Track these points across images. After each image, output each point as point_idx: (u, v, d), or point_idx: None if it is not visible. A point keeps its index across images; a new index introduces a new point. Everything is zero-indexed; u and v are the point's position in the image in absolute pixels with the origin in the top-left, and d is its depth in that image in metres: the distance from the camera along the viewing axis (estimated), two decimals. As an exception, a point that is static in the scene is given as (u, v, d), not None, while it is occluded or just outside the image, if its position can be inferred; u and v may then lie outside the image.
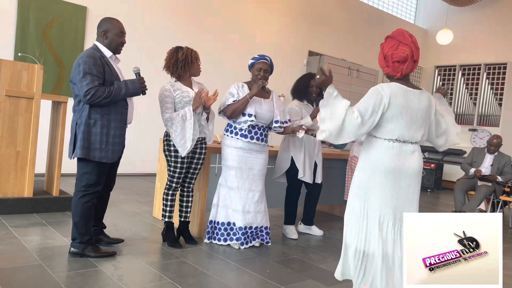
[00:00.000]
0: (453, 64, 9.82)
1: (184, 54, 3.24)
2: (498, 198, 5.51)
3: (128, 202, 4.80)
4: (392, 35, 2.33)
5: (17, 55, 5.46)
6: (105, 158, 2.81)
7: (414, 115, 2.29)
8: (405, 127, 2.27)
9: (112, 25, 2.87)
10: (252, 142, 3.41)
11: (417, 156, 2.35)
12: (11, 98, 3.77)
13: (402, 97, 2.26)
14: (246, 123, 3.37)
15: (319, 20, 9.02)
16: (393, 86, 2.29)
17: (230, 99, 3.37)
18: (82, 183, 2.84)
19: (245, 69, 7.80)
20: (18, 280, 2.48)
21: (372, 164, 2.30)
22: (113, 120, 2.83)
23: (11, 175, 3.85)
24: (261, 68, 3.42)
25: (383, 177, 2.28)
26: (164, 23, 6.87)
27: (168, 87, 3.22)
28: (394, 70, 2.30)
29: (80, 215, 2.83)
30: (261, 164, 3.49)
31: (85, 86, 2.67)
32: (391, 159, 2.27)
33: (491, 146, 5.70)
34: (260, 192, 3.49)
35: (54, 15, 5.82)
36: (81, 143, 2.74)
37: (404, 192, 2.31)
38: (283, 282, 2.83)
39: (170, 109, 3.19)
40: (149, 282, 2.65)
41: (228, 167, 3.42)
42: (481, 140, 9.02)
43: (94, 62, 2.72)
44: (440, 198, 7.85)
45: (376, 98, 2.25)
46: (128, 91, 2.82)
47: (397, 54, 2.27)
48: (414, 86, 2.36)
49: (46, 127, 4.42)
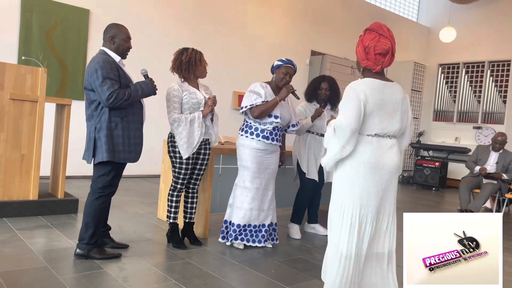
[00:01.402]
0: (457, 62, 9.78)
1: (188, 56, 3.26)
2: (504, 196, 5.48)
3: (133, 204, 4.81)
4: (371, 28, 2.31)
5: (21, 58, 5.49)
6: (129, 159, 2.92)
7: (391, 108, 2.27)
8: (384, 120, 2.24)
9: (119, 31, 2.93)
10: (272, 144, 3.46)
11: (396, 151, 2.31)
12: (15, 102, 3.79)
13: (378, 91, 2.23)
14: (272, 124, 3.40)
15: (322, 19, 9.01)
16: (368, 81, 2.26)
17: (259, 99, 3.36)
18: (99, 185, 2.91)
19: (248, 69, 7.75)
20: (24, 283, 2.49)
21: (352, 160, 2.25)
22: (132, 122, 2.92)
23: (16, 178, 3.87)
24: (287, 72, 3.43)
25: (364, 172, 2.23)
26: (166, 25, 6.88)
27: (177, 87, 3.24)
28: (375, 63, 2.27)
29: (93, 215, 2.89)
30: (275, 163, 3.55)
31: (106, 91, 2.73)
32: (371, 154, 2.23)
33: (496, 144, 5.68)
34: (273, 190, 3.56)
35: (57, 18, 5.85)
36: (106, 146, 2.80)
37: (383, 188, 2.27)
38: (288, 282, 2.83)
39: (177, 109, 3.21)
40: (154, 283, 2.66)
41: (246, 168, 3.44)
42: (486, 137, 8.98)
43: (111, 67, 2.80)
44: (445, 197, 7.82)
45: (354, 97, 2.20)
46: (143, 92, 2.92)
47: (380, 46, 2.24)
48: (388, 79, 2.34)
49: (51, 130, 4.44)
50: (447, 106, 9.89)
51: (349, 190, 2.26)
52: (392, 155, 2.29)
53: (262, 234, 3.51)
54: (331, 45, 9.15)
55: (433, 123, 10.07)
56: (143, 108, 3.02)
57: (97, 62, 2.79)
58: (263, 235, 3.51)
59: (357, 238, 2.24)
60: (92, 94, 2.82)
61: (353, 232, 2.24)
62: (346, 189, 2.27)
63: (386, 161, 2.26)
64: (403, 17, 10.65)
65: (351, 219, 2.25)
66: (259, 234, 3.50)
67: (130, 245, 3.28)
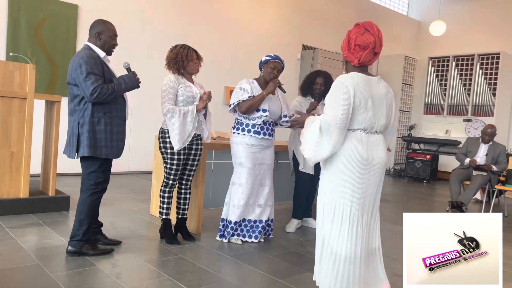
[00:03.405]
0: (447, 55, 9.83)
1: (175, 53, 3.28)
2: (494, 187, 5.55)
3: (125, 200, 4.79)
4: (361, 23, 2.33)
5: (9, 55, 5.41)
6: (111, 155, 2.89)
7: (377, 102, 2.27)
8: (371, 115, 2.24)
9: (106, 28, 2.92)
10: (265, 138, 3.46)
11: (382, 147, 2.32)
12: (3, 99, 3.75)
13: (364, 85, 2.24)
14: (261, 118, 3.40)
15: (313, 13, 9.00)
16: (354, 75, 2.26)
17: (245, 95, 3.37)
18: (91, 182, 2.90)
19: (239, 63, 7.73)
20: (16, 281, 2.47)
21: (342, 157, 2.24)
22: (115, 118, 2.90)
23: (6, 176, 3.83)
24: (275, 67, 3.46)
25: (354, 169, 2.22)
26: (155, 18, 6.83)
27: (173, 78, 3.25)
28: (353, 55, 2.28)
29: (86, 212, 2.88)
30: (270, 158, 3.55)
31: (90, 85, 2.72)
32: (359, 150, 2.22)
33: (485, 136, 5.73)
34: (270, 185, 3.56)
35: (45, 14, 5.77)
36: (88, 141, 2.79)
37: (371, 184, 2.28)
38: (281, 276, 2.85)
39: (172, 100, 3.21)
40: (147, 279, 2.66)
41: (241, 165, 3.43)
42: (476, 130, 9.06)
43: (95, 62, 2.79)
44: (436, 189, 7.89)
45: (342, 92, 2.20)
46: (127, 86, 2.91)
47: (361, 38, 2.26)
48: (371, 74, 2.36)
49: (40, 127, 4.39)
50: (437, 99, 9.96)
51: (341, 188, 2.24)
52: (380, 151, 2.30)
53: (259, 230, 3.52)
54: (322, 40, 9.15)
55: (424, 116, 10.14)
56: (126, 104, 3.01)
57: (81, 57, 2.77)
58: (260, 231, 3.53)
59: (354, 236, 2.22)
60: (76, 89, 2.80)
61: (348, 231, 2.22)
62: (337, 187, 2.25)
63: (375, 158, 2.27)
64: (394, 11, 10.67)
65: (344, 217, 2.23)
66: (255, 230, 3.51)
67: (123, 242, 3.27)
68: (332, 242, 2.26)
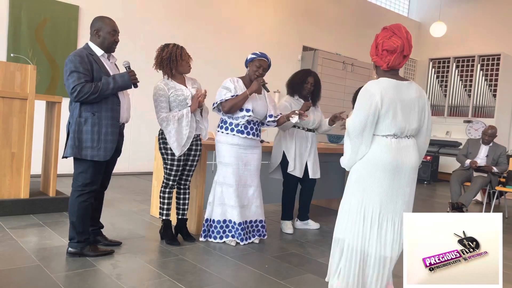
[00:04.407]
0: (447, 56, 9.84)
1: (168, 52, 3.20)
2: (494, 188, 5.54)
3: (125, 201, 4.80)
4: (388, 27, 2.33)
5: (10, 55, 5.43)
6: (97, 157, 2.79)
7: (407, 107, 2.28)
8: (401, 120, 2.25)
9: (104, 24, 2.85)
10: (248, 138, 3.42)
11: (414, 150, 2.33)
12: (4, 99, 3.75)
13: (393, 91, 2.24)
14: (244, 118, 3.37)
15: (313, 15, 9.01)
16: (382, 81, 2.27)
17: (228, 94, 3.34)
18: (78, 183, 2.84)
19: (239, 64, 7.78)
20: (16, 282, 2.47)
21: (371, 161, 2.27)
22: (104, 118, 2.80)
23: (7, 177, 3.83)
24: (260, 65, 3.42)
25: (382, 174, 2.25)
26: (157, 19, 6.84)
27: (162, 86, 3.19)
28: (382, 60, 2.29)
29: (76, 214, 2.84)
30: (256, 159, 3.50)
31: (71, 84, 2.68)
32: (389, 156, 2.24)
33: (485, 137, 5.73)
34: (256, 186, 3.51)
35: (46, 15, 5.78)
36: (72, 142, 2.74)
37: (402, 190, 2.30)
38: (281, 277, 2.85)
39: (165, 108, 3.17)
40: (148, 280, 2.66)
41: (224, 164, 3.41)
42: (476, 131, 9.06)
43: (81, 60, 2.72)
44: (437, 190, 7.89)
45: (366, 99, 2.22)
46: (116, 85, 2.79)
47: (388, 43, 2.26)
48: (403, 78, 2.36)
49: (41, 127, 4.40)
50: (438, 100, 9.96)
51: (370, 194, 2.28)
52: (410, 155, 2.30)
53: (246, 231, 3.46)
54: (323, 41, 9.16)
55: (424, 117, 10.14)
56: (120, 104, 2.90)
57: (68, 56, 2.74)
58: (246, 232, 3.46)
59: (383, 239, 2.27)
60: None
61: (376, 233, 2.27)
62: (366, 193, 2.29)
63: (405, 162, 2.28)
64: (394, 12, 10.68)
65: (373, 219, 2.27)
66: (241, 232, 3.41)
67: (123, 243, 3.27)
68: (357, 243, 2.29)
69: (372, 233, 2.28)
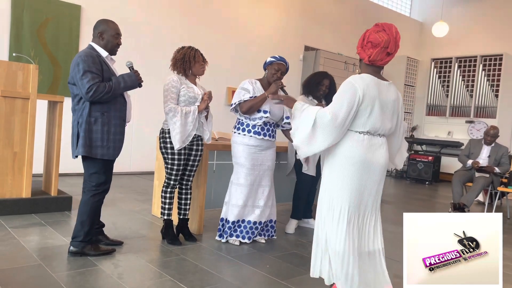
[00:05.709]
0: (449, 57, 9.82)
1: (182, 53, 3.30)
2: (496, 189, 5.53)
3: (127, 201, 4.80)
4: (380, 23, 2.32)
5: (12, 55, 5.43)
6: (107, 155, 2.86)
7: (385, 107, 2.27)
8: (377, 119, 2.24)
9: (108, 27, 2.91)
10: (265, 139, 3.45)
11: (384, 150, 2.32)
12: (6, 99, 3.76)
13: (374, 88, 2.23)
14: (261, 119, 3.40)
15: (315, 14, 9.00)
16: (365, 77, 2.25)
17: (247, 95, 3.38)
18: (92, 183, 2.89)
19: (241, 64, 7.72)
20: (18, 281, 2.48)
21: (342, 157, 2.25)
22: (113, 118, 2.88)
23: (9, 176, 3.84)
24: (279, 69, 3.45)
25: (353, 170, 2.24)
26: (158, 20, 6.84)
27: (176, 78, 3.26)
28: (365, 52, 2.28)
29: (88, 213, 2.88)
30: (270, 159, 3.54)
31: (86, 84, 2.72)
32: (362, 152, 2.23)
33: (487, 137, 5.72)
34: (270, 186, 3.55)
35: (48, 14, 5.79)
36: (83, 141, 2.78)
37: (371, 187, 2.29)
38: (283, 277, 2.84)
39: (174, 99, 3.22)
40: (149, 279, 2.66)
41: (240, 165, 3.44)
42: (478, 131, 9.04)
43: (93, 61, 2.77)
44: (438, 191, 7.87)
45: (350, 93, 2.20)
46: (126, 84, 2.87)
47: (374, 36, 2.25)
48: (384, 78, 2.35)
49: (43, 127, 4.41)
50: (440, 100, 9.95)
51: (339, 187, 2.26)
52: (381, 154, 2.30)
53: (258, 231, 3.52)
54: (324, 41, 9.15)
55: (426, 117, 10.13)
56: (126, 104, 2.98)
57: (79, 56, 2.78)
58: (260, 233, 3.51)
59: (351, 235, 2.25)
60: (75, 88, 2.80)
61: (346, 229, 2.25)
62: (336, 186, 2.28)
63: (376, 160, 2.27)
64: (396, 12, 10.66)
65: (342, 215, 2.25)
66: (255, 231, 3.49)
67: (125, 242, 3.28)
68: (330, 240, 2.28)
69: (340, 228, 2.25)
